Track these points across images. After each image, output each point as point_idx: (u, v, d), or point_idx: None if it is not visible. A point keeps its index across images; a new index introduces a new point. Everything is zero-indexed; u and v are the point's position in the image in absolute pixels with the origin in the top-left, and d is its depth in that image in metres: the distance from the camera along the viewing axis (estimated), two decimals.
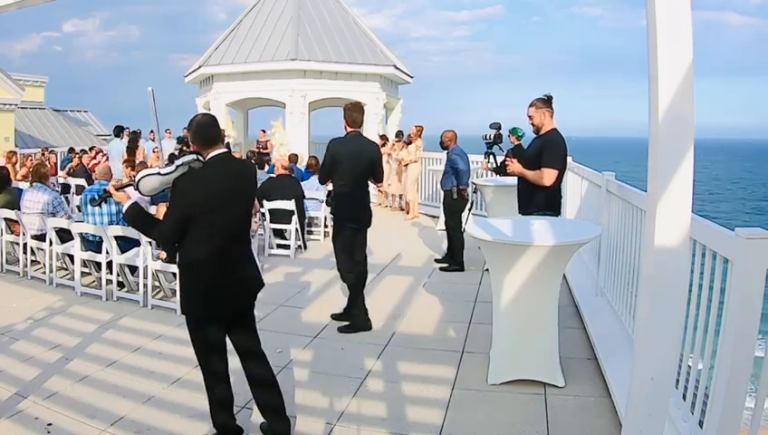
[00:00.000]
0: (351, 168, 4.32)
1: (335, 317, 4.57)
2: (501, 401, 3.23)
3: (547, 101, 4.10)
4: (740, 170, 63.28)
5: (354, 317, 4.42)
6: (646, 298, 2.06)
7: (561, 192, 4.28)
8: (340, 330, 4.36)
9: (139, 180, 2.58)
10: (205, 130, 2.61)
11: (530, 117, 4.14)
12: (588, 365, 3.66)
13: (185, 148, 11.13)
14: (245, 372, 2.83)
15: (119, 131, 11.08)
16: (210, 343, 2.69)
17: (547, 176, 4.03)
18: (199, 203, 2.50)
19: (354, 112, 4.35)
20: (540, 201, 4.13)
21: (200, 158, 2.57)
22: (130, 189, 2.76)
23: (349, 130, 4.38)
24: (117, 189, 2.72)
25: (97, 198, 2.85)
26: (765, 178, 54.57)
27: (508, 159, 4.37)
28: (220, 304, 2.62)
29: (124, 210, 2.64)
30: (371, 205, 4.65)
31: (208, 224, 2.52)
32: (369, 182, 4.55)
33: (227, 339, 2.78)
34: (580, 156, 7.61)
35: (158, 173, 2.55)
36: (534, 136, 4.20)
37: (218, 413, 2.78)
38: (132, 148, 10.53)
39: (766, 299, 2.10)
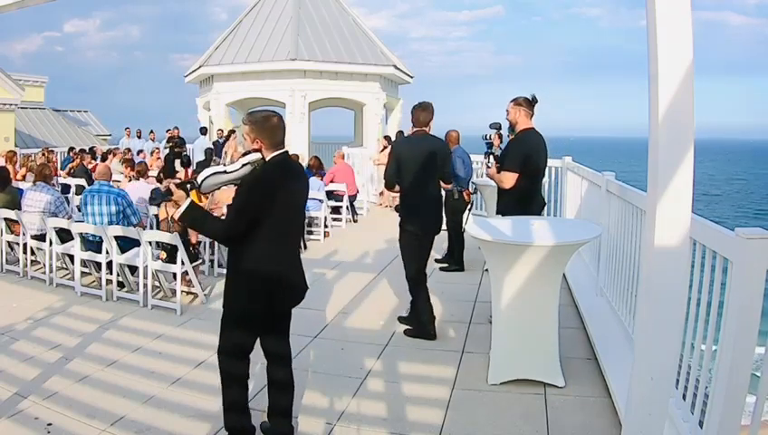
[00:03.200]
0: (416, 169, 4.09)
1: (402, 320, 4.46)
2: (501, 401, 3.23)
3: (529, 102, 4.11)
4: (738, 171, 63.25)
5: (417, 322, 4.26)
6: (646, 298, 2.06)
7: (537, 195, 4.22)
8: (406, 333, 4.26)
9: (203, 180, 2.52)
10: (278, 132, 2.57)
11: (507, 111, 4.18)
12: (588, 365, 3.66)
13: (176, 148, 11.21)
14: (268, 372, 2.81)
15: (205, 131, 13.88)
16: (242, 343, 2.66)
17: (504, 179, 4.05)
18: (268, 204, 2.47)
19: (418, 111, 4.18)
20: (508, 204, 4.11)
21: (264, 158, 2.56)
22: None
23: (414, 129, 4.22)
24: (178, 187, 2.57)
25: (157, 196, 2.77)
26: (764, 178, 54.57)
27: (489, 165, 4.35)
28: (269, 304, 2.59)
29: (182, 210, 2.50)
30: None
31: (270, 225, 2.49)
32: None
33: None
34: (581, 156, 7.61)
35: (225, 171, 2.52)
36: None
37: (231, 414, 2.74)
38: (223, 144, 12.22)
39: (766, 299, 2.10)
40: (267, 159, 2.55)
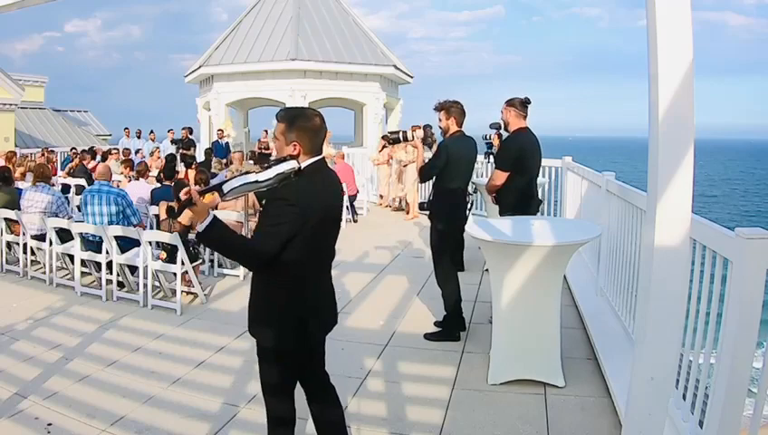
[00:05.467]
0: (465, 169, 4.25)
1: (437, 324, 4.39)
2: (501, 401, 3.23)
3: (521, 103, 4.17)
4: (737, 172, 63.28)
5: (447, 326, 4.24)
6: (646, 298, 2.06)
7: (534, 192, 4.30)
8: (427, 336, 4.19)
9: (231, 190, 2.08)
10: (320, 134, 2.21)
11: (501, 111, 4.28)
12: (588, 365, 3.66)
13: (184, 150, 11.17)
14: (312, 413, 2.49)
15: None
16: (291, 377, 2.37)
17: (495, 177, 4.15)
18: (306, 223, 2.12)
19: (459, 114, 4.18)
20: (508, 204, 4.19)
21: (300, 166, 2.12)
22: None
23: (455, 129, 4.20)
24: (201, 194, 2.05)
25: (176, 209, 2.08)
26: (763, 178, 54.60)
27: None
28: (314, 331, 2.33)
29: (203, 227, 2.05)
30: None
31: (306, 243, 2.15)
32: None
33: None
34: (581, 156, 7.61)
35: (256, 181, 2.08)
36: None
37: None
38: (225, 146, 12.40)
39: (766, 300, 2.10)
40: (303, 168, 2.11)
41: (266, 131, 13.83)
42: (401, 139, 4.29)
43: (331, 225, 2.30)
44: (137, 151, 12.09)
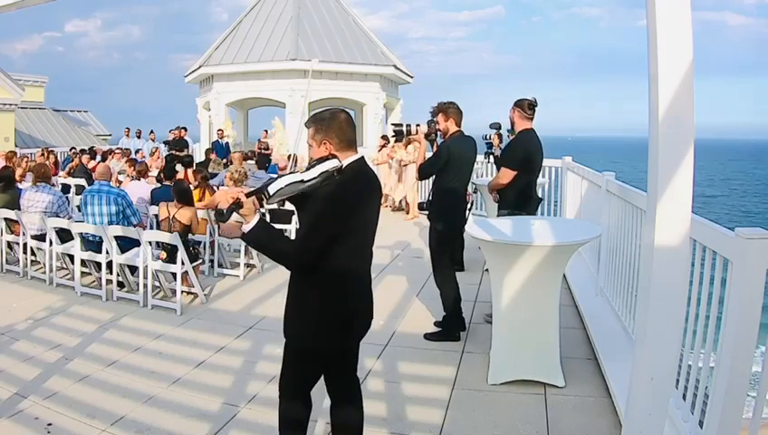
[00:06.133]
0: (465, 169, 4.29)
1: (437, 324, 4.39)
2: (501, 401, 3.23)
3: (529, 104, 4.19)
4: (737, 172, 63.27)
5: (447, 326, 4.24)
6: (646, 298, 2.06)
7: (533, 192, 4.33)
8: (427, 337, 4.19)
9: (277, 190, 2.05)
10: (345, 130, 2.20)
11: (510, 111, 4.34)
12: (588, 365, 3.66)
13: (175, 151, 11.15)
14: (332, 415, 2.48)
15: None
16: (315, 380, 2.33)
17: (501, 175, 4.19)
18: (350, 220, 2.12)
19: (458, 114, 4.21)
20: (506, 200, 4.25)
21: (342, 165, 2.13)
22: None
23: (455, 129, 4.20)
24: (248, 196, 2.05)
25: (225, 212, 2.06)
26: (763, 178, 54.58)
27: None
28: (350, 334, 2.27)
29: (249, 228, 2.07)
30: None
31: (348, 244, 2.15)
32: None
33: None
34: (581, 156, 7.61)
35: (302, 181, 2.05)
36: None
37: None
38: (226, 148, 12.27)
39: (765, 303, 2.10)
40: (344, 166, 2.12)
41: (266, 131, 13.84)
42: (405, 132, 4.27)
43: (369, 223, 2.28)
44: (137, 151, 12.07)
